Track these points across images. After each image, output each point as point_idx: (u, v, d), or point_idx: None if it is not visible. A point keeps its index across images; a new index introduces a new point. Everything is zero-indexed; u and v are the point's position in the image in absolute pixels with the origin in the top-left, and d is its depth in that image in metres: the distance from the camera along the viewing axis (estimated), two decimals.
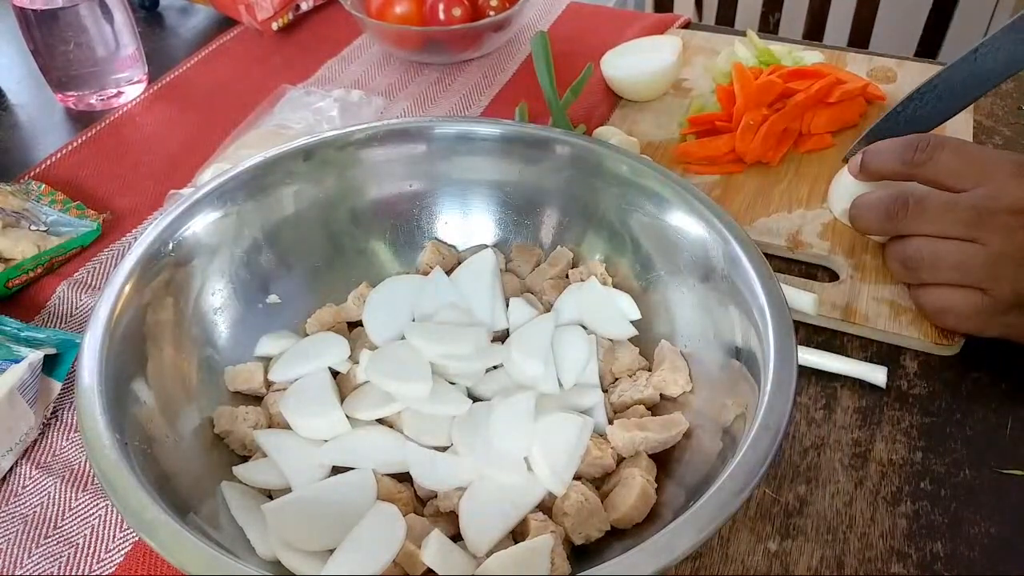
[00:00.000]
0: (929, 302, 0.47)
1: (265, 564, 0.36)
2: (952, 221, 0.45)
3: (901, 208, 0.47)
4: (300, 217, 0.49)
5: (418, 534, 0.37)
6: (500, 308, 0.48)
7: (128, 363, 0.39)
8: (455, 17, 0.74)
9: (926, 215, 0.46)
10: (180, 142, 0.69)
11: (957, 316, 0.46)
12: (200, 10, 0.89)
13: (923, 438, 0.45)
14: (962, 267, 0.45)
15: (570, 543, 0.38)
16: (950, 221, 0.45)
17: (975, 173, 0.45)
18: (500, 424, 0.40)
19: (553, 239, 0.51)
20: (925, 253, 0.47)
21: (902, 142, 0.49)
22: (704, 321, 0.43)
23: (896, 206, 0.48)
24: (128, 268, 0.41)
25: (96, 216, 0.60)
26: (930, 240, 0.46)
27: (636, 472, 0.38)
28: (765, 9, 1.28)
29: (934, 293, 0.47)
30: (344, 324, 0.49)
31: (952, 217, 0.45)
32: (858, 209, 0.51)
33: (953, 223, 0.45)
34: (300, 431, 0.42)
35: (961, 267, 0.45)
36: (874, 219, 0.50)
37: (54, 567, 0.41)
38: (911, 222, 0.47)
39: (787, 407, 0.34)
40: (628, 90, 0.70)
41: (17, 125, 0.73)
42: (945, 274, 0.46)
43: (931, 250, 0.46)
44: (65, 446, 0.46)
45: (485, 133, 0.50)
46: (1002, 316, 0.45)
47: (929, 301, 0.47)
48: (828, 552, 0.41)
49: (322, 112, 0.69)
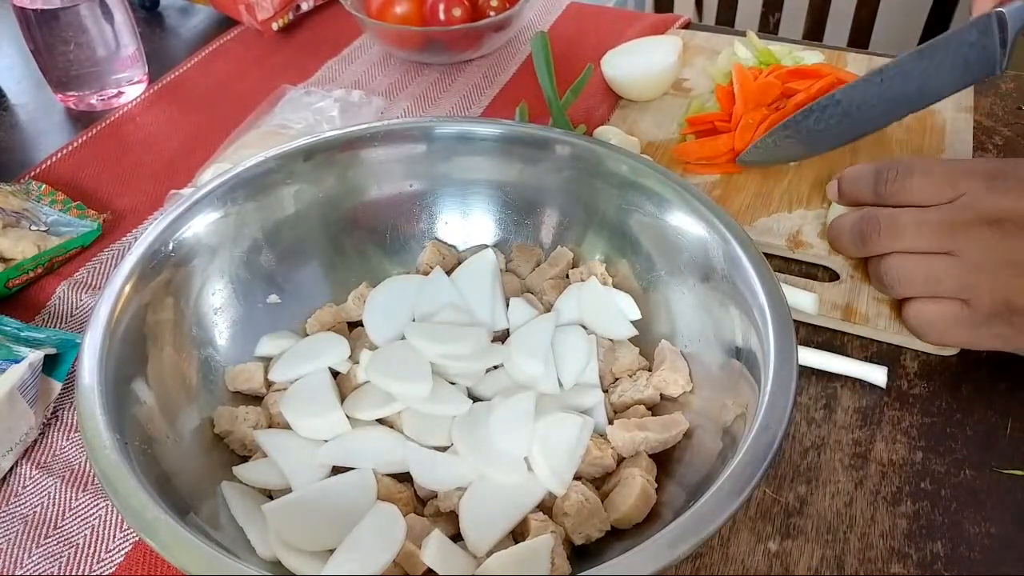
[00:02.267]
0: (910, 316, 0.47)
1: (265, 564, 0.36)
2: (924, 236, 0.46)
3: (873, 229, 0.48)
4: (300, 217, 0.49)
5: (418, 534, 0.37)
6: (500, 308, 0.48)
7: (128, 363, 0.39)
8: (455, 17, 0.74)
9: (898, 233, 0.47)
10: (180, 142, 0.69)
11: (939, 329, 0.46)
12: (200, 10, 0.89)
13: (923, 438, 0.45)
14: (934, 280, 0.45)
15: (570, 543, 0.38)
16: (923, 236, 0.46)
17: (947, 189, 0.46)
18: (500, 424, 0.40)
19: (553, 239, 0.51)
20: (898, 270, 0.47)
21: (871, 172, 0.49)
22: (704, 321, 0.43)
23: (869, 227, 0.48)
24: (128, 268, 0.41)
25: (96, 216, 0.60)
26: (903, 256, 0.47)
27: (636, 472, 0.39)
28: (765, 9, 1.28)
29: (914, 307, 0.47)
30: (344, 324, 0.49)
31: (924, 232, 0.46)
32: (834, 231, 0.53)
33: (925, 238, 0.46)
34: (300, 431, 0.42)
35: (933, 280, 0.45)
36: (849, 242, 0.51)
37: (54, 567, 0.41)
38: (884, 241, 0.48)
39: (787, 407, 0.34)
40: (628, 90, 0.70)
41: (17, 125, 0.73)
42: (919, 287, 0.46)
43: (904, 266, 0.47)
44: (65, 446, 0.46)
45: (485, 133, 0.50)
46: (987, 327, 0.45)
47: (910, 316, 0.47)
48: (828, 552, 0.41)
49: (322, 112, 0.69)
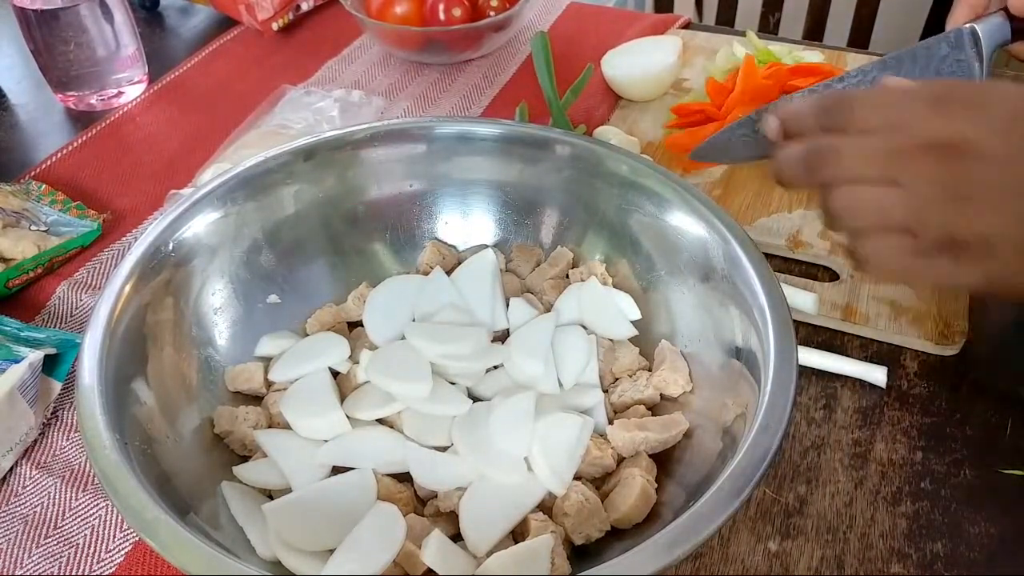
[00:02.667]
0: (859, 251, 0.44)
1: (265, 564, 0.36)
2: (869, 164, 0.43)
3: (819, 159, 0.45)
4: (300, 217, 0.49)
5: (418, 534, 0.37)
6: (500, 308, 0.48)
7: (128, 363, 0.39)
8: (455, 17, 0.74)
9: (843, 162, 0.44)
10: (180, 142, 0.69)
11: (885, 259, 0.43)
12: (200, 10, 0.89)
13: (923, 438, 0.45)
14: (882, 211, 0.43)
15: (570, 543, 0.38)
16: (868, 164, 0.43)
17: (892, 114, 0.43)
18: (500, 424, 0.40)
19: (553, 239, 0.51)
20: (846, 201, 0.44)
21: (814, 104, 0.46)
22: (704, 321, 0.43)
23: (814, 157, 0.45)
24: (128, 268, 0.41)
25: (96, 216, 0.60)
26: (851, 188, 0.44)
27: (636, 472, 0.38)
28: (765, 9, 1.28)
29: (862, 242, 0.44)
30: (344, 324, 0.49)
31: (869, 159, 0.43)
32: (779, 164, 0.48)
33: (870, 166, 0.43)
34: (300, 431, 0.42)
35: (881, 211, 0.43)
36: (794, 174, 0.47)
37: (54, 567, 0.41)
38: (830, 171, 0.45)
39: (787, 407, 0.34)
40: (628, 90, 0.70)
41: (17, 125, 0.73)
42: (869, 218, 0.44)
43: (851, 197, 0.44)
44: (65, 446, 0.46)
45: (485, 133, 0.50)
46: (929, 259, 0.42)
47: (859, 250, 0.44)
48: (828, 552, 0.41)
49: (322, 112, 0.69)
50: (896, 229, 0.43)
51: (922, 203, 0.42)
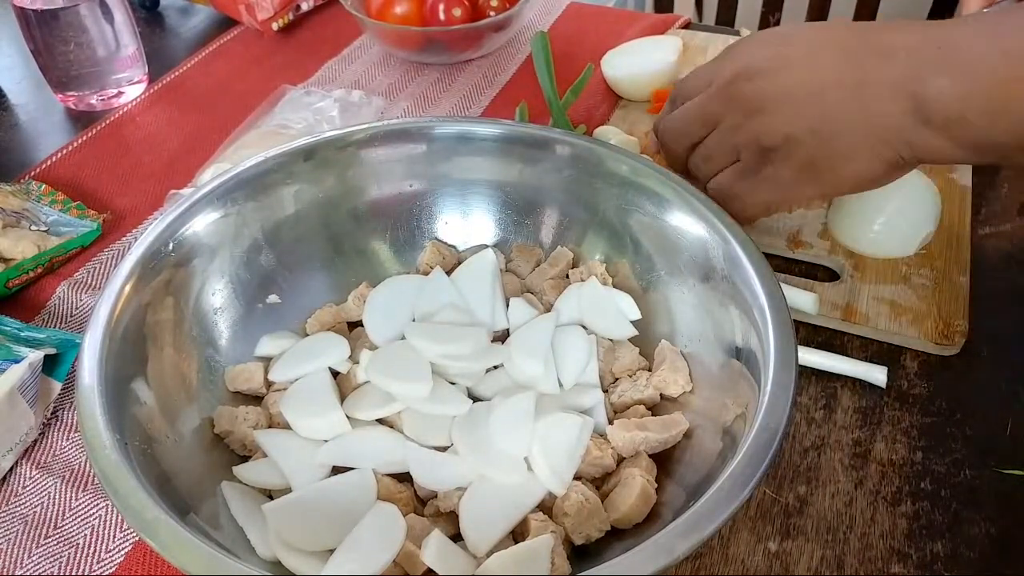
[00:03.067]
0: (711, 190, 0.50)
1: (265, 564, 0.36)
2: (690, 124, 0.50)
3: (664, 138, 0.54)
4: (300, 217, 0.49)
5: (418, 534, 0.37)
6: (500, 308, 0.48)
7: (128, 363, 0.39)
8: (455, 17, 0.74)
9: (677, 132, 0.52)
10: (180, 142, 0.69)
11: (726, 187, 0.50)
12: (200, 10, 0.89)
13: (923, 438, 0.45)
14: (713, 154, 0.50)
15: (570, 543, 0.38)
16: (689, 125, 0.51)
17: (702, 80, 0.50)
18: (500, 424, 0.40)
19: (553, 239, 0.51)
20: (694, 159, 0.51)
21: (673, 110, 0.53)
22: (704, 321, 0.43)
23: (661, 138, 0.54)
24: (128, 268, 0.41)
25: (96, 216, 0.60)
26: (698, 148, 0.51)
27: (636, 472, 0.38)
28: (765, 9, 1.28)
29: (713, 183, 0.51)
30: (344, 324, 0.49)
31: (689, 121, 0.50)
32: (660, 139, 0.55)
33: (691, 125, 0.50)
34: (300, 431, 0.42)
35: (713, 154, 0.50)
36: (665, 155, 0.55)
37: (54, 567, 0.41)
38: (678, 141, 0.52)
39: (787, 407, 0.34)
40: (628, 90, 0.70)
41: (17, 125, 0.73)
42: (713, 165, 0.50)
43: (698, 155, 0.51)
44: (65, 446, 0.46)
45: (485, 133, 0.50)
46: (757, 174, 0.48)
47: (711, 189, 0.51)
48: (828, 552, 0.41)
49: (322, 112, 0.69)
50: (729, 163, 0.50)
51: (732, 130, 0.48)
